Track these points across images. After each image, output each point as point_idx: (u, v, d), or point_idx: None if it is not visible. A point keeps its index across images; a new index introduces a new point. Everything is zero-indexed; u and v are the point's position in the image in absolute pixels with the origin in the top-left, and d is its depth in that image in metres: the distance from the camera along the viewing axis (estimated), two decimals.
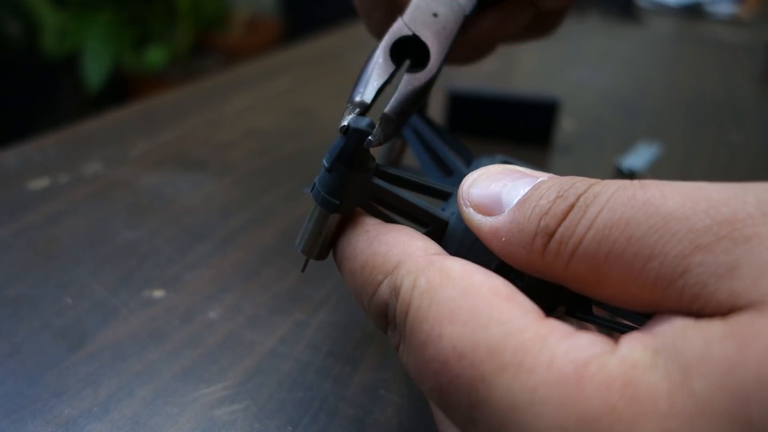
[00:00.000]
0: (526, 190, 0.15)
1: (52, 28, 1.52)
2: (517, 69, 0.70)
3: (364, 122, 0.16)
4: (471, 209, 0.16)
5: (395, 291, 0.15)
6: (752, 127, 0.54)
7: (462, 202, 0.16)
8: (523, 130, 0.46)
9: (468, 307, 0.13)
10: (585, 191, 0.14)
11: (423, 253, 0.16)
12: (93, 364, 0.23)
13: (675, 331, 0.12)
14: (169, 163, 0.40)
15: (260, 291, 0.28)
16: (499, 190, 0.16)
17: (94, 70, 1.51)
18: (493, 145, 0.45)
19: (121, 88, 1.73)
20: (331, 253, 0.19)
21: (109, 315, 0.26)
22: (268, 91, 0.55)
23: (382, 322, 0.16)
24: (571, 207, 0.14)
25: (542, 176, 0.16)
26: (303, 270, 0.20)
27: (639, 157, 0.45)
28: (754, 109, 0.59)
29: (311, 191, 0.17)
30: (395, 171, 0.18)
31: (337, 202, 0.17)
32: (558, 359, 0.12)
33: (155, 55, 1.66)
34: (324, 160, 0.17)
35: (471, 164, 0.21)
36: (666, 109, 0.58)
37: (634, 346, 0.12)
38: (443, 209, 0.19)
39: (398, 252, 0.16)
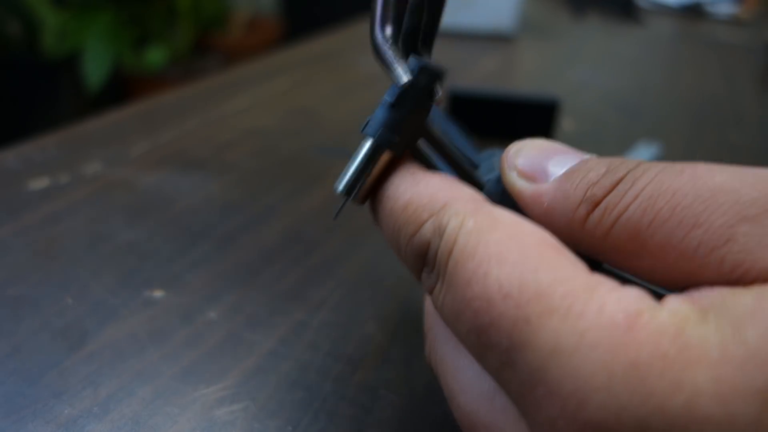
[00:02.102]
0: (574, 163, 0.16)
1: (52, 28, 1.51)
2: (517, 69, 0.70)
3: (435, 63, 0.16)
4: (515, 173, 0.16)
5: (440, 230, 0.15)
6: (752, 127, 0.54)
7: (507, 165, 0.17)
8: (523, 129, 0.46)
9: (517, 250, 0.13)
10: (634, 167, 0.14)
11: (471, 198, 0.16)
12: (93, 364, 0.23)
13: (722, 293, 0.12)
14: (169, 163, 0.40)
15: (260, 291, 0.28)
16: (546, 160, 0.16)
17: (94, 70, 1.51)
18: (493, 145, 0.45)
19: (121, 88, 1.73)
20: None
21: (109, 315, 0.26)
22: (268, 91, 0.55)
23: (418, 263, 0.16)
24: (620, 180, 0.14)
25: (589, 155, 0.16)
26: (335, 217, 0.19)
27: (639, 156, 0.45)
28: (754, 109, 0.59)
29: (362, 130, 0.17)
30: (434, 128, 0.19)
31: (396, 139, 0.17)
32: (608, 307, 0.12)
33: (155, 55, 1.66)
34: (387, 95, 0.17)
35: (479, 155, 0.21)
36: (666, 109, 0.58)
37: (683, 302, 0.12)
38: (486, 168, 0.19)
39: (446, 194, 0.16)
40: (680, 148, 0.48)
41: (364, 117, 0.17)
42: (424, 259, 0.16)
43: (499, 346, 0.13)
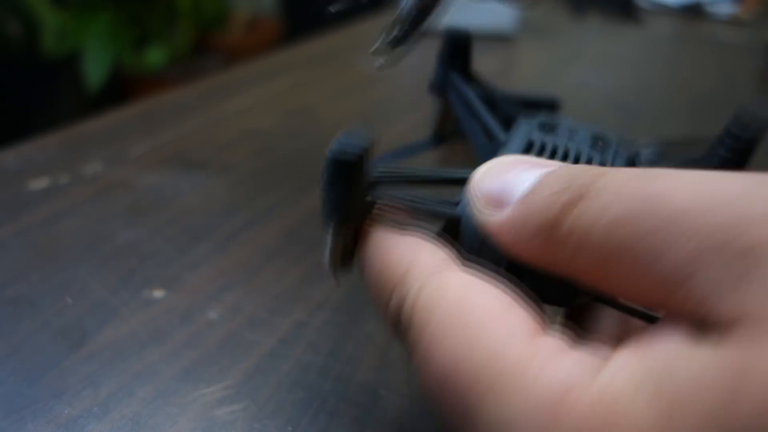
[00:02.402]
0: (534, 181, 0.14)
1: (52, 28, 1.51)
2: (517, 69, 0.70)
3: (349, 147, 0.16)
4: (479, 204, 0.16)
5: (402, 301, 0.15)
6: None
7: (471, 196, 0.16)
8: None
9: (461, 322, 0.13)
10: (593, 182, 0.13)
11: (428, 260, 0.15)
12: (93, 364, 0.23)
13: (672, 352, 0.11)
14: (169, 163, 0.40)
15: (260, 291, 0.28)
16: (508, 182, 0.15)
17: (94, 70, 1.51)
18: None
19: (121, 88, 1.73)
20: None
21: (109, 315, 0.26)
22: (268, 91, 0.55)
23: (397, 330, 0.16)
24: (579, 198, 0.13)
25: (552, 166, 0.15)
26: (337, 283, 0.20)
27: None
28: (754, 109, 0.59)
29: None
30: (401, 169, 0.18)
31: (340, 217, 0.17)
32: (538, 386, 0.12)
33: (155, 55, 1.66)
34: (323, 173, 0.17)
35: (511, 127, 0.22)
36: (666, 109, 0.58)
37: (621, 370, 0.12)
38: (462, 198, 0.19)
39: (406, 261, 0.16)
40: (680, 148, 0.48)
41: (364, 117, 0.17)
42: (400, 327, 0.16)
43: (454, 415, 0.13)
